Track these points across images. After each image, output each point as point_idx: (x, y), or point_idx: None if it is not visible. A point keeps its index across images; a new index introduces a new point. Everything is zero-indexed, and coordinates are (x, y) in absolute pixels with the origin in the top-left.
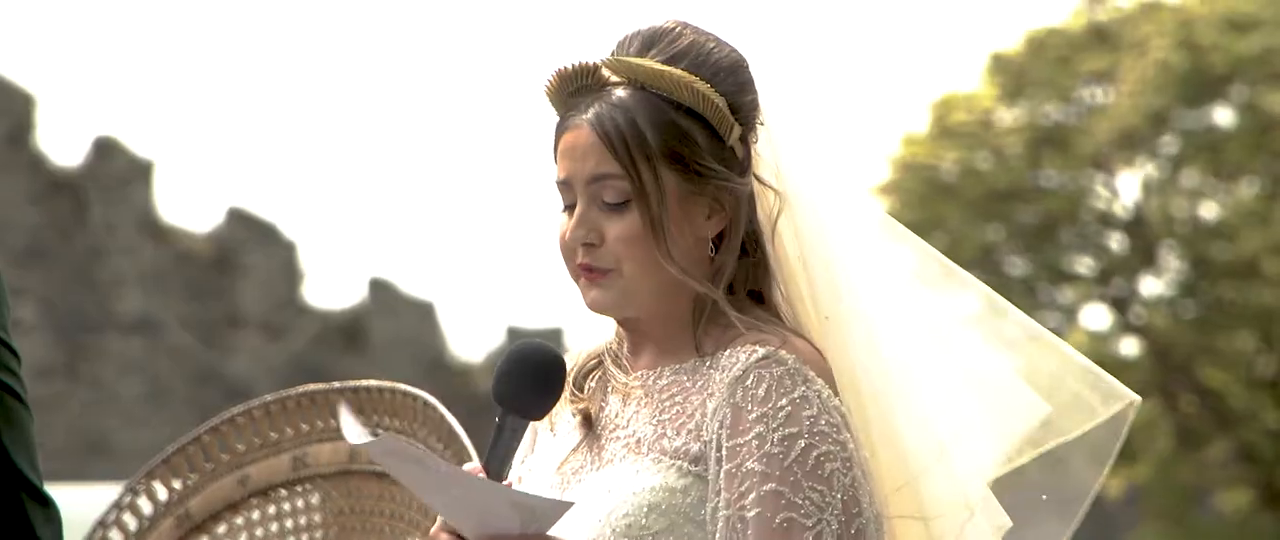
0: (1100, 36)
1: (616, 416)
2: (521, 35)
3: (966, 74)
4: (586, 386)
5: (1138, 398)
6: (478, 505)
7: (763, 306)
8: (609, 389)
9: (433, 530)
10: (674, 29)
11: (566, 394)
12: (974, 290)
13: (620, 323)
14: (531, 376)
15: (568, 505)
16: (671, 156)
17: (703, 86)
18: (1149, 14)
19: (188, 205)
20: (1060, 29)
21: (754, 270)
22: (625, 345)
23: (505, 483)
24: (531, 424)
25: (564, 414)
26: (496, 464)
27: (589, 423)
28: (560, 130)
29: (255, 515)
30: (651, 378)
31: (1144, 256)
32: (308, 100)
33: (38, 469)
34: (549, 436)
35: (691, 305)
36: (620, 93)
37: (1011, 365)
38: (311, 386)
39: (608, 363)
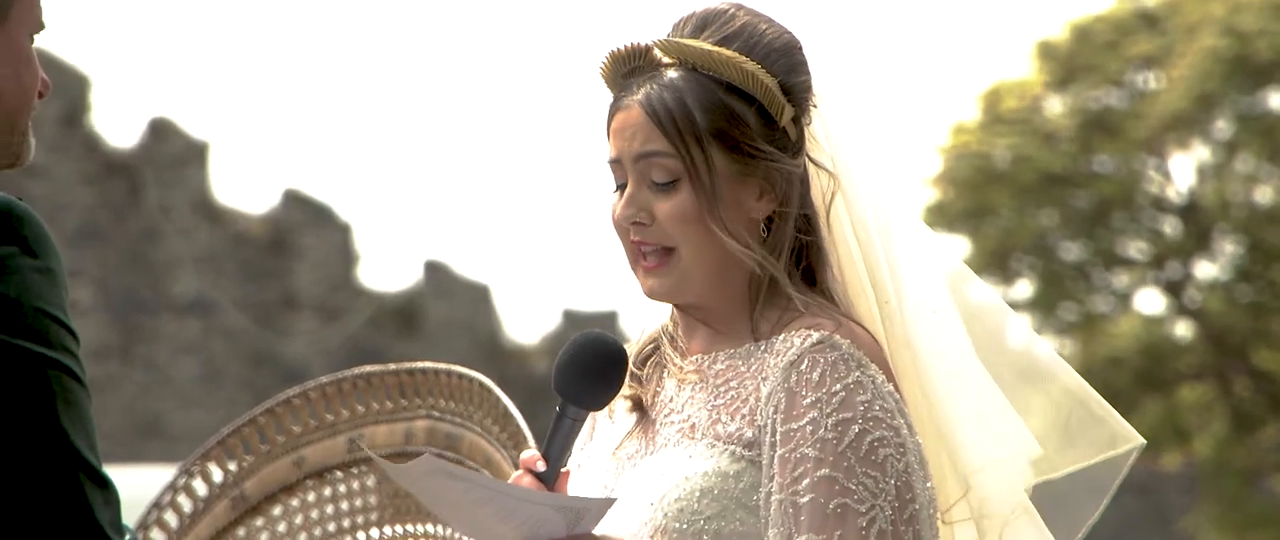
0: (1148, 21)
1: (671, 401)
2: (579, 17)
3: (1011, 63)
4: (644, 371)
5: (1143, 441)
6: (522, 513)
7: (815, 289)
8: (665, 373)
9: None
10: (728, 10)
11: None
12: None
13: (678, 308)
14: (592, 368)
15: (612, 502)
16: (721, 137)
17: (753, 67)
18: (1195, 0)
19: (243, 187)
20: (1105, 15)
21: (807, 252)
22: (681, 328)
23: (564, 472)
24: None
25: (621, 399)
26: (556, 454)
27: (644, 408)
28: (612, 111)
29: (310, 497)
30: (707, 362)
31: (1198, 240)
32: (363, 82)
33: (96, 450)
34: (607, 422)
35: (747, 288)
36: (671, 74)
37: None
38: (367, 369)
39: (665, 346)
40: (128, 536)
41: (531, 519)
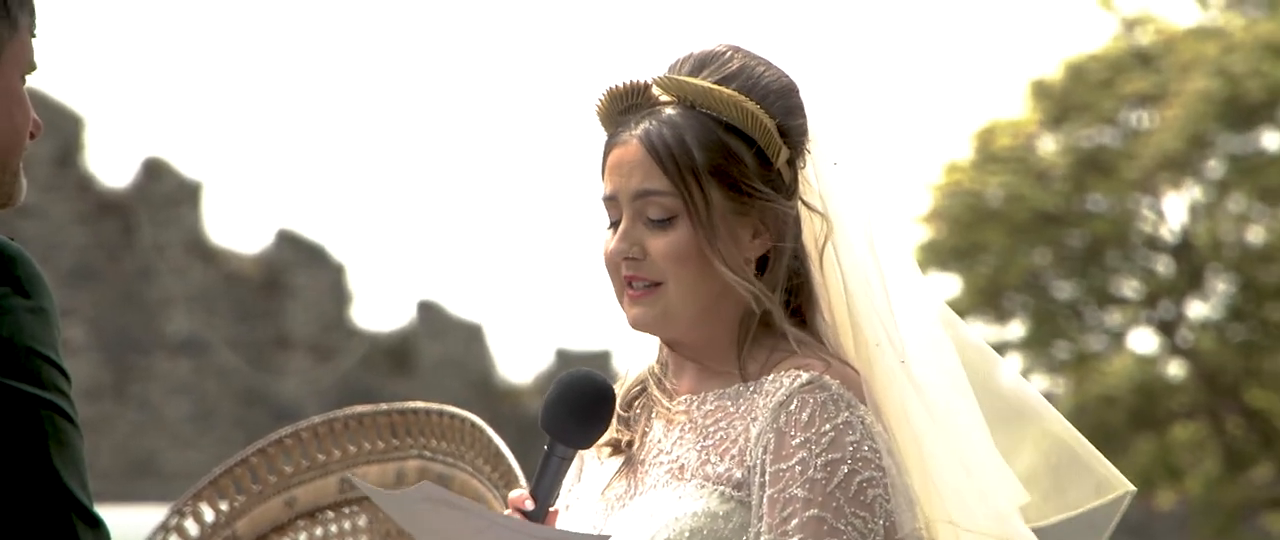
0: (1141, 60)
1: (660, 442)
2: (572, 59)
3: (1004, 101)
4: (632, 412)
5: (1133, 488)
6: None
7: (804, 330)
8: (653, 414)
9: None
10: (726, 52)
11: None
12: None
13: (665, 343)
14: (580, 406)
15: (605, 539)
16: (718, 174)
17: (752, 106)
18: (1188, 40)
19: (236, 226)
20: (1099, 54)
21: (798, 294)
22: (669, 369)
23: (552, 511)
24: (579, 452)
25: (609, 440)
26: (544, 493)
27: (633, 448)
28: (608, 146)
29: (303, 537)
30: (695, 403)
31: (1191, 280)
32: (357, 122)
33: (88, 489)
34: (595, 463)
35: (736, 327)
36: (670, 111)
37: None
38: (359, 408)
39: (652, 387)
40: None
41: None
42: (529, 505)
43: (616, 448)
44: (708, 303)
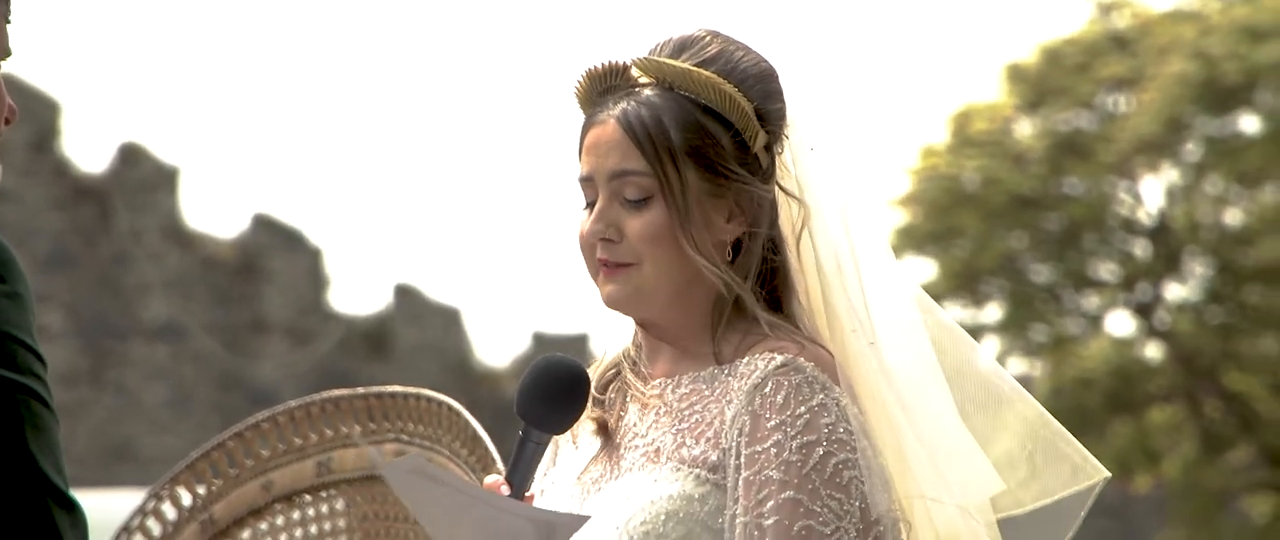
0: (1118, 43)
1: (635, 425)
2: (548, 41)
3: (980, 85)
4: (607, 396)
5: (1108, 474)
6: (498, 523)
7: (779, 314)
8: (628, 397)
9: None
10: (705, 36)
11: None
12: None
13: (639, 325)
14: (555, 391)
15: (585, 519)
16: (695, 155)
17: (730, 89)
18: (1165, 23)
19: (213, 211)
20: (1074, 38)
21: (773, 277)
22: (644, 352)
23: (528, 496)
24: (555, 437)
25: (584, 424)
26: (519, 478)
27: (608, 432)
28: (586, 127)
29: (279, 521)
30: (670, 386)
31: (1168, 262)
32: (333, 106)
33: (64, 474)
34: (570, 447)
35: (710, 309)
36: (648, 92)
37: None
38: (336, 392)
39: (626, 371)
40: None
41: (507, 531)
42: (504, 491)
43: (595, 430)
44: (682, 284)
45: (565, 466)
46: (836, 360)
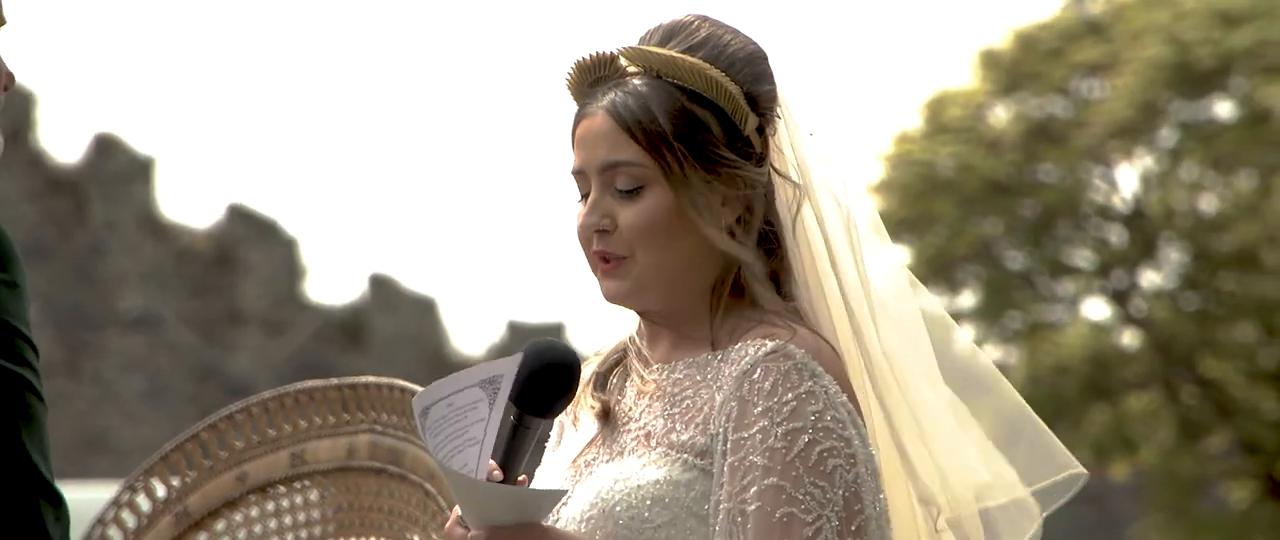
0: (1092, 29)
1: (631, 410)
2: (524, 30)
3: (954, 71)
4: (609, 381)
5: (1084, 471)
6: (475, 497)
7: (780, 298)
8: (628, 382)
9: (448, 524)
10: (693, 22)
11: (588, 389)
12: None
13: (639, 314)
14: (547, 376)
15: (560, 494)
16: (685, 142)
17: (717, 74)
18: (1139, 8)
19: (188, 202)
20: (1048, 23)
21: (771, 261)
22: (645, 338)
23: (521, 478)
24: (553, 420)
25: (585, 407)
26: (511, 461)
27: (607, 416)
28: (576, 119)
29: (253, 512)
30: (667, 372)
31: (1144, 249)
32: (308, 96)
33: (50, 466)
34: (571, 430)
35: (707, 296)
36: (637, 82)
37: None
38: (309, 383)
39: (630, 356)
40: None
41: (482, 503)
42: (497, 475)
43: (597, 414)
44: (677, 273)
45: (565, 449)
46: (832, 345)
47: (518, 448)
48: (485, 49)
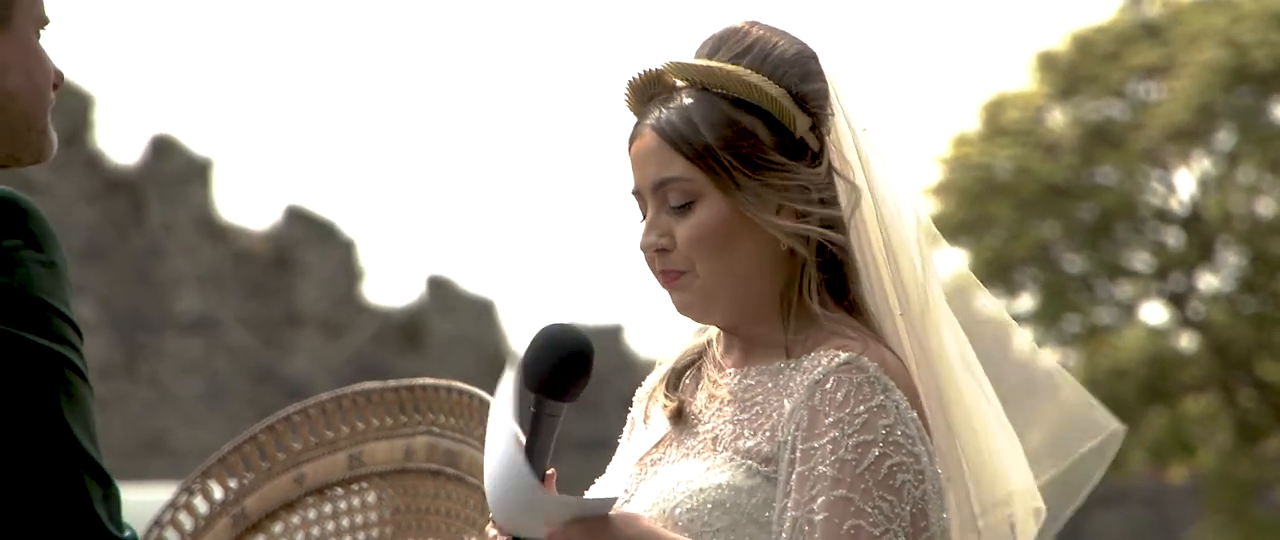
0: (1149, 31)
1: (701, 412)
2: (585, 32)
3: (1012, 74)
4: (682, 382)
5: (1123, 427)
6: (526, 504)
7: (846, 301)
8: (700, 386)
9: (489, 529)
10: (742, 28)
11: (661, 389)
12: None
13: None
14: (562, 359)
15: (612, 501)
16: (731, 151)
17: (757, 78)
18: (1196, 10)
19: (246, 204)
20: (1105, 26)
21: (834, 261)
22: (721, 343)
23: (548, 473)
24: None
25: (658, 405)
26: (539, 453)
27: (680, 416)
28: (630, 140)
29: (311, 514)
30: (739, 377)
31: (1201, 252)
32: (366, 98)
33: (97, 444)
34: (641, 428)
35: (776, 304)
36: (683, 96)
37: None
38: (367, 385)
39: (706, 360)
40: (127, 534)
41: (532, 509)
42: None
43: (669, 414)
44: (740, 280)
45: (634, 445)
46: (901, 358)
47: (545, 439)
48: (545, 51)
